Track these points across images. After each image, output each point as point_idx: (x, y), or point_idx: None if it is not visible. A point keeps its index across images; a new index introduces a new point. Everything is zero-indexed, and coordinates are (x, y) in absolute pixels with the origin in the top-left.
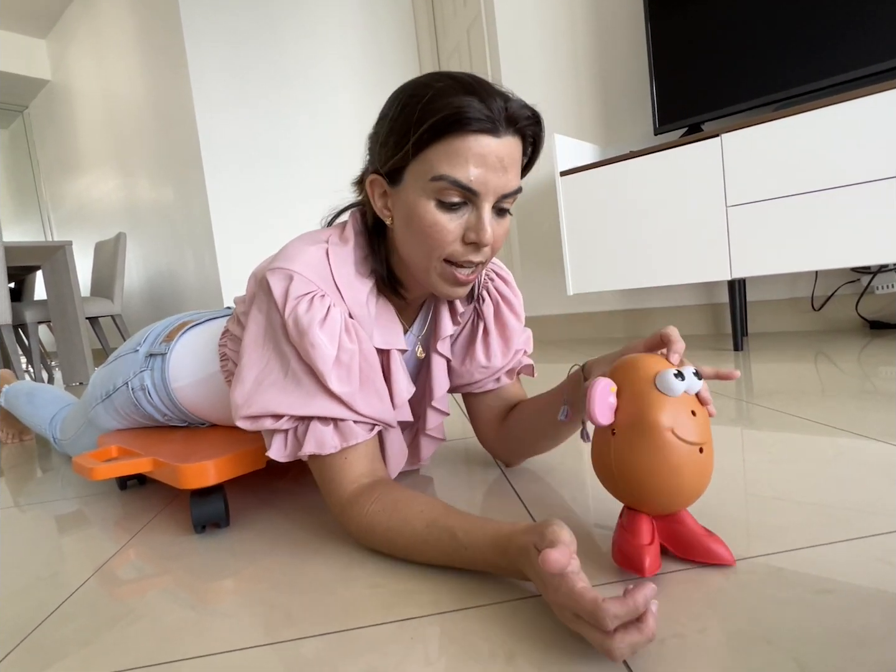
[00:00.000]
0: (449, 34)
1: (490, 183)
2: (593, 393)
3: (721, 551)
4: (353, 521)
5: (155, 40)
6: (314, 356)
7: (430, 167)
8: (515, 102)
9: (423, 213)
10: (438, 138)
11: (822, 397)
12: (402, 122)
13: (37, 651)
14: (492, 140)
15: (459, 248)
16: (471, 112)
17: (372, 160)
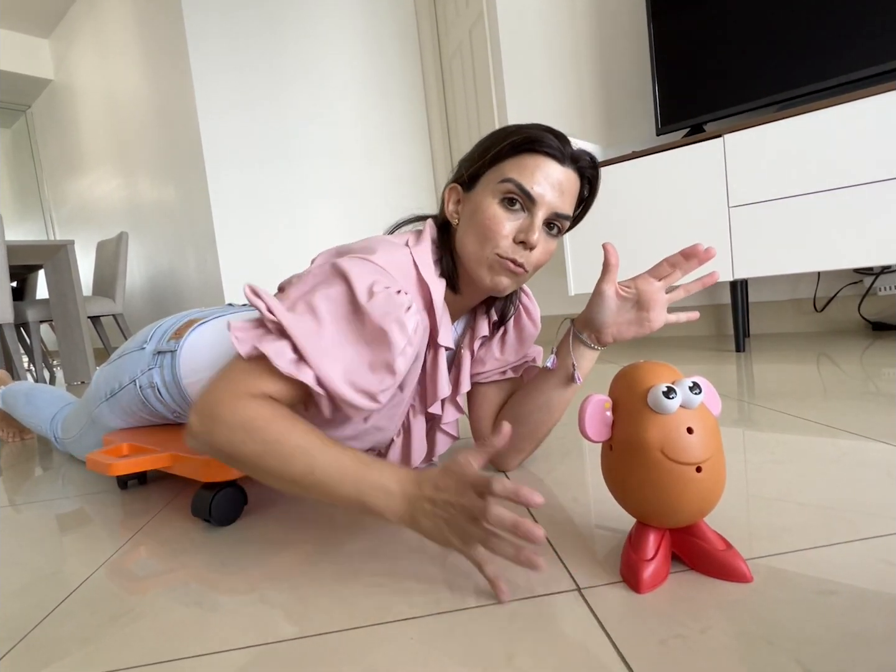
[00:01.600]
0: (451, 34)
1: (547, 196)
2: (585, 411)
3: (738, 567)
4: (242, 411)
5: (157, 40)
6: (397, 333)
7: (502, 173)
8: (580, 149)
9: (487, 207)
10: (515, 154)
11: (824, 398)
12: (488, 142)
13: (37, 649)
14: (556, 165)
15: (509, 244)
16: (545, 140)
17: (454, 176)
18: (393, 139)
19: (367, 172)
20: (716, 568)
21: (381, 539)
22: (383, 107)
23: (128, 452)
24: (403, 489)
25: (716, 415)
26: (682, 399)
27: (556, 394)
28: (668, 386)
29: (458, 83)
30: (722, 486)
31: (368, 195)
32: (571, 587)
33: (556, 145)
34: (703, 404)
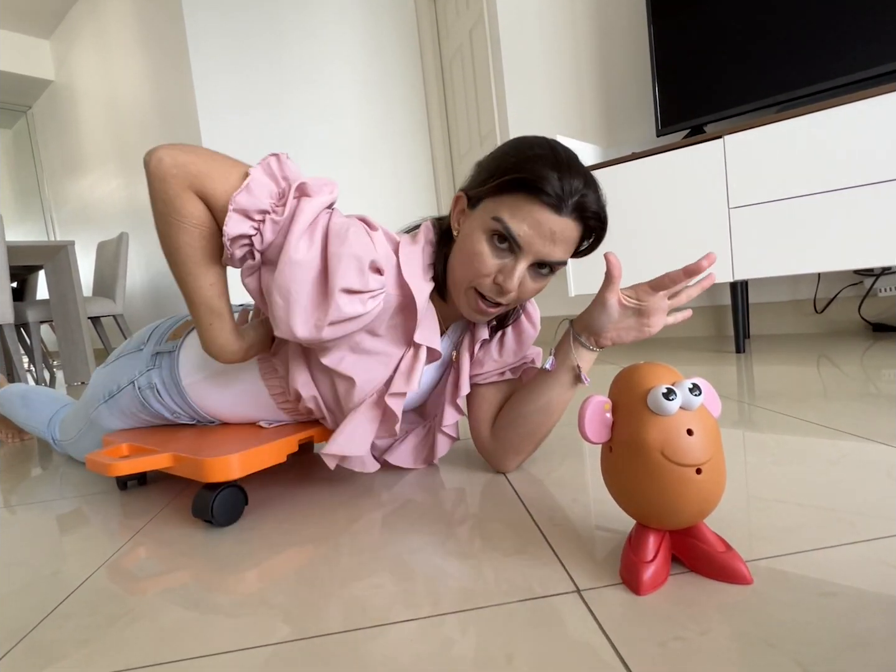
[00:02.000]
0: (451, 36)
1: (534, 246)
2: (584, 412)
3: (738, 569)
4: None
5: (158, 41)
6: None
7: (496, 209)
8: (593, 197)
9: (476, 240)
10: (513, 191)
11: (824, 400)
12: (499, 165)
13: (36, 650)
14: (552, 215)
15: (488, 283)
16: (546, 186)
17: (468, 181)
18: (393, 140)
19: (368, 173)
20: (716, 570)
21: (380, 540)
22: (384, 107)
23: (128, 453)
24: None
25: (716, 416)
26: (681, 400)
27: (556, 395)
28: (668, 387)
29: (459, 84)
30: (722, 488)
31: (369, 195)
32: (571, 589)
33: (556, 193)
34: (703, 406)
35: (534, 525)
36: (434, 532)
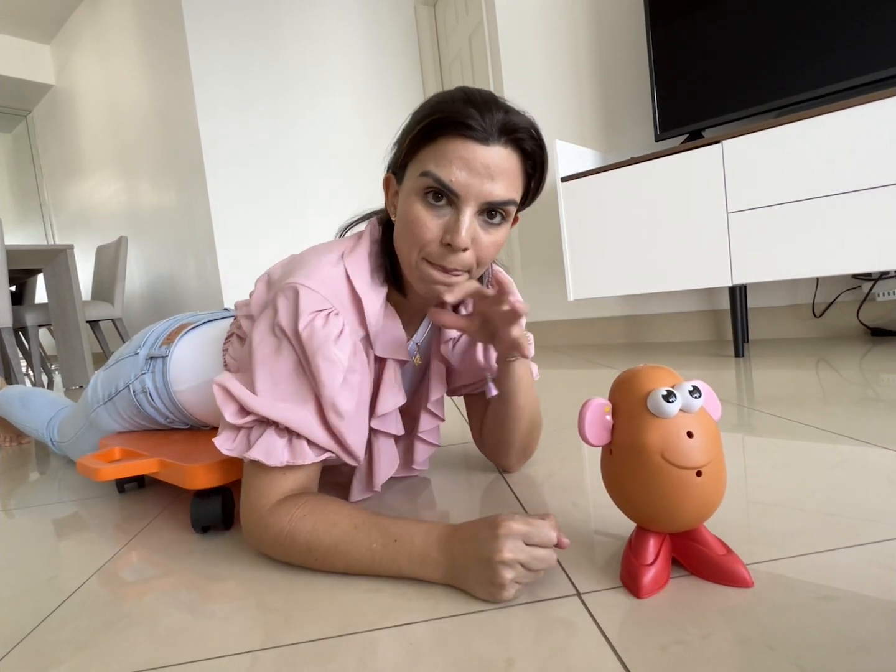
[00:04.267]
0: (451, 41)
1: (472, 188)
2: (584, 415)
3: (739, 572)
4: (272, 527)
5: (158, 46)
6: (326, 371)
7: (421, 165)
8: (518, 117)
9: (410, 206)
10: (431, 139)
11: (823, 404)
12: (410, 123)
13: (31, 655)
14: (478, 147)
15: (436, 249)
16: (461, 118)
17: (389, 161)
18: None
19: (368, 178)
20: (716, 573)
21: None
22: (383, 113)
23: (120, 457)
24: (441, 556)
25: (716, 419)
26: (682, 403)
27: (510, 406)
28: (668, 390)
29: None
30: (722, 491)
31: (368, 200)
32: (571, 592)
33: (476, 122)
34: (703, 408)
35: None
36: None
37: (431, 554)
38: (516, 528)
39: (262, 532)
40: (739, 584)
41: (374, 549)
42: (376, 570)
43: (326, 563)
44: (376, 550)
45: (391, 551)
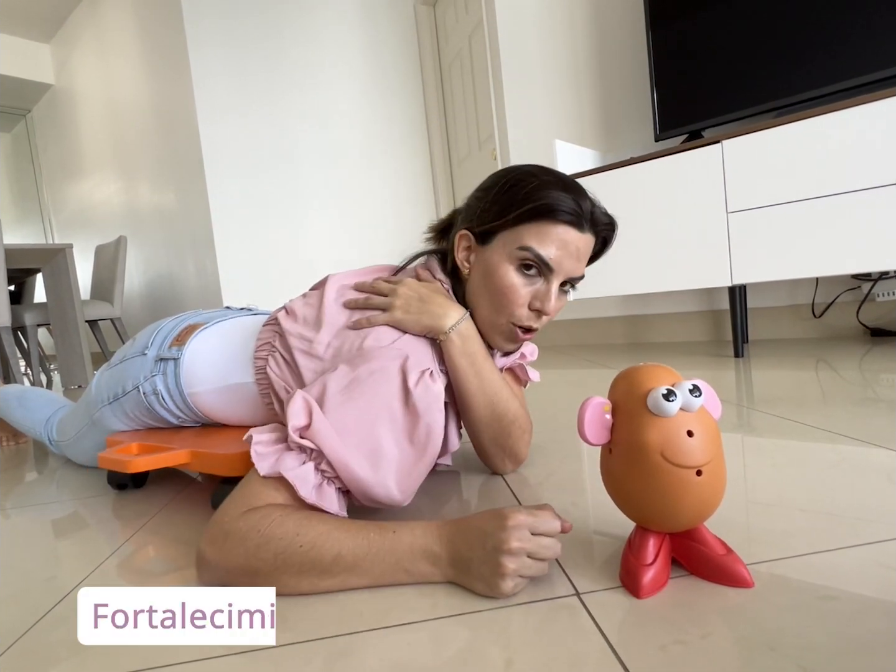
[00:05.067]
0: (451, 41)
1: (564, 265)
2: (584, 413)
3: (739, 572)
4: (254, 515)
5: (158, 46)
6: (427, 434)
7: (519, 238)
8: (599, 209)
9: (504, 273)
10: (534, 219)
11: (823, 404)
12: (508, 197)
13: (28, 655)
14: (575, 233)
15: (525, 313)
16: (565, 206)
17: (467, 218)
18: (392, 145)
19: (367, 178)
20: (716, 573)
21: None
22: (383, 113)
23: (138, 452)
24: (441, 550)
25: (716, 418)
26: (682, 402)
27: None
28: (668, 388)
29: (458, 89)
30: (722, 490)
31: (368, 201)
32: (570, 592)
33: (575, 212)
34: (703, 407)
35: None
36: None
37: (433, 547)
38: (523, 518)
39: (238, 523)
40: (740, 584)
41: (372, 537)
42: (370, 564)
43: (309, 552)
44: (373, 539)
45: (390, 542)
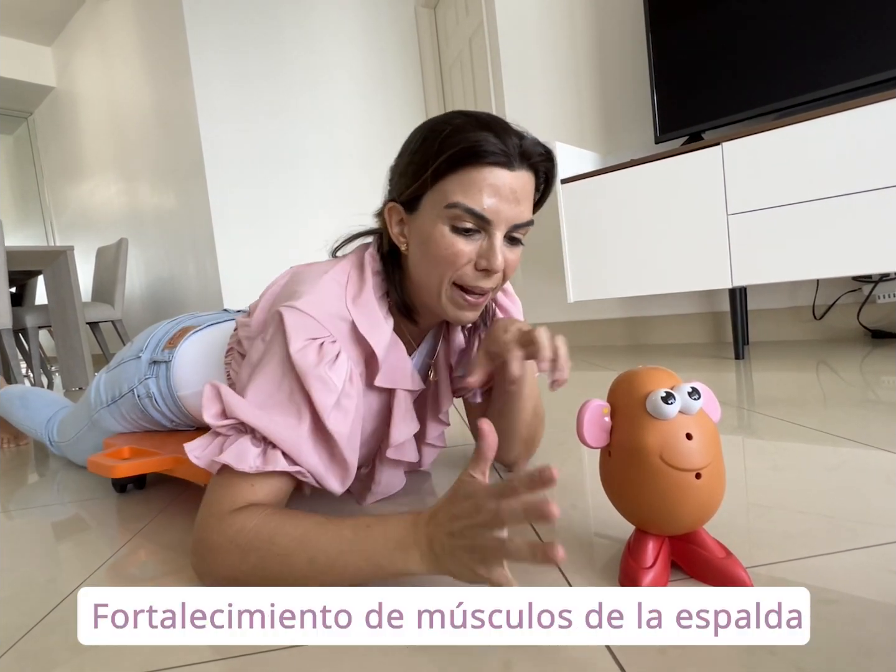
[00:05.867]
0: (451, 43)
1: (502, 213)
2: (583, 416)
3: (738, 575)
4: (230, 529)
5: (159, 48)
6: (319, 390)
7: (445, 196)
8: (529, 140)
9: (439, 236)
10: (455, 169)
11: (823, 406)
12: (422, 154)
13: (27, 658)
14: (505, 173)
15: (470, 273)
16: (486, 146)
17: (391, 190)
18: (393, 147)
19: (367, 180)
20: (716, 576)
21: None
22: (383, 114)
23: (129, 456)
24: (417, 538)
25: (715, 420)
26: (681, 404)
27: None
28: (667, 391)
29: (458, 91)
30: (722, 493)
31: (368, 202)
32: None
33: (500, 148)
34: (702, 410)
35: (532, 531)
36: None
37: (409, 536)
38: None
39: (217, 535)
40: (739, 587)
41: (345, 535)
42: (346, 560)
43: (288, 555)
44: (345, 538)
45: (363, 536)
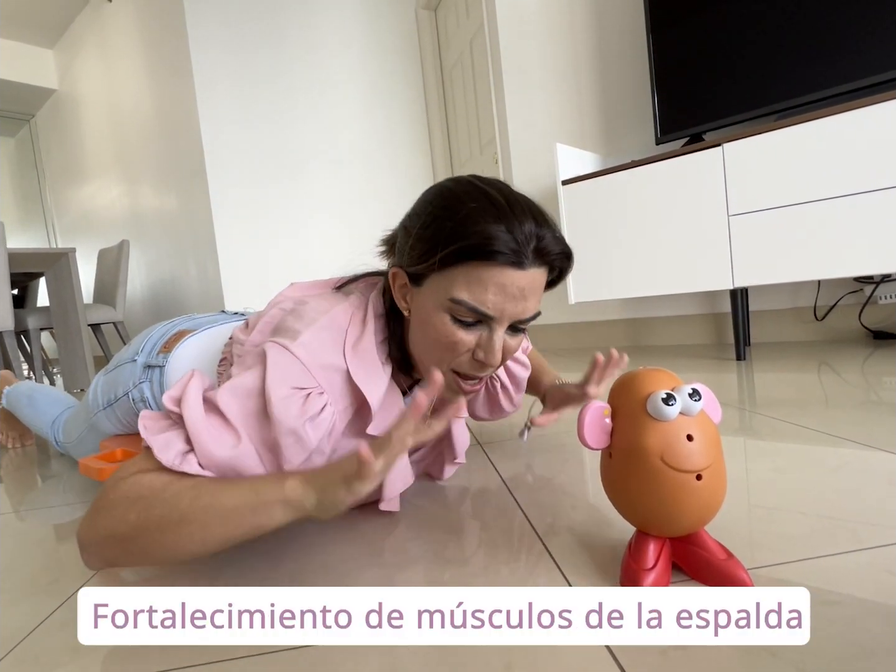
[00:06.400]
0: (452, 46)
1: (507, 311)
2: (584, 418)
3: (740, 577)
4: (125, 484)
5: (161, 51)
6: (290, 446)
7: (450, 287)
8: (548, 239)
9: (440, 324)
10: (462, 262)
11: (825, 407)
12: (432, 234)
13: (28, 660)
14: (515, 272)
15: (467, 362)
16: (498, 245)
17: (399, 254)
18: (394, 149)
19: (368, 182)
20: (717, 578)
21: (377, 548)
22: (384, 116)
23: (122, 458)
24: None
25: (716, 422)
26: (681, 406)
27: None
28: (668, 392)
29: (459, 93)
30: (723, 495)
31: (369, 205)
32: None
33: (511, 248)
34: (703, 411)
35: (533, 532)
36: (433, 540)
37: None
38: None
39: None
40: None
41: (240, 482)
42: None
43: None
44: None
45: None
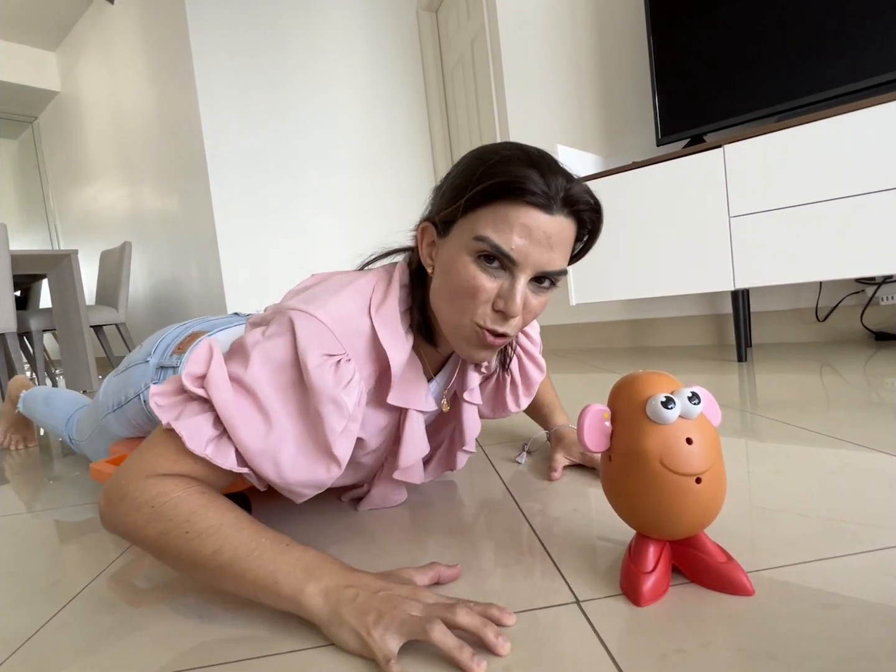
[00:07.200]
0: (453, 47)
1: (531, 256)
2: (583, 421)
3: (740, 580)
4: (153, 489)
5: (163, 53)
6: (331, 413)
7: (475, 227)
8: (579, 186)
9: (462, 266)
10: (490, 201)
11: (826, 409)
12: (462, 179)
13: (31, 662)
14: (542, 216)
15: (488, 313)
16: (527, 184)
17: (430, 209)
18: (395, 150)
19: (370, 183)
20: (717, 581)
21: (378, 551)
22: (386, 118)
23: None
24: (330, 576)
25: (715, 425)
26: (681, 409)
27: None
28: (667, 396)
29: (460, 94)
30: (722, 498)
31: (371, 206)
32: (570, 600)
33: (541, 189)
34: (702, 414)
35: (534, 535)
36: (434, 543)
37: (322, 570)
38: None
39: (137, 489)
40: (740, 591)
41: (262, 541)
42: (249, 564)
43: (196, 538)
44: (261, 543)
45: (279, 549)
